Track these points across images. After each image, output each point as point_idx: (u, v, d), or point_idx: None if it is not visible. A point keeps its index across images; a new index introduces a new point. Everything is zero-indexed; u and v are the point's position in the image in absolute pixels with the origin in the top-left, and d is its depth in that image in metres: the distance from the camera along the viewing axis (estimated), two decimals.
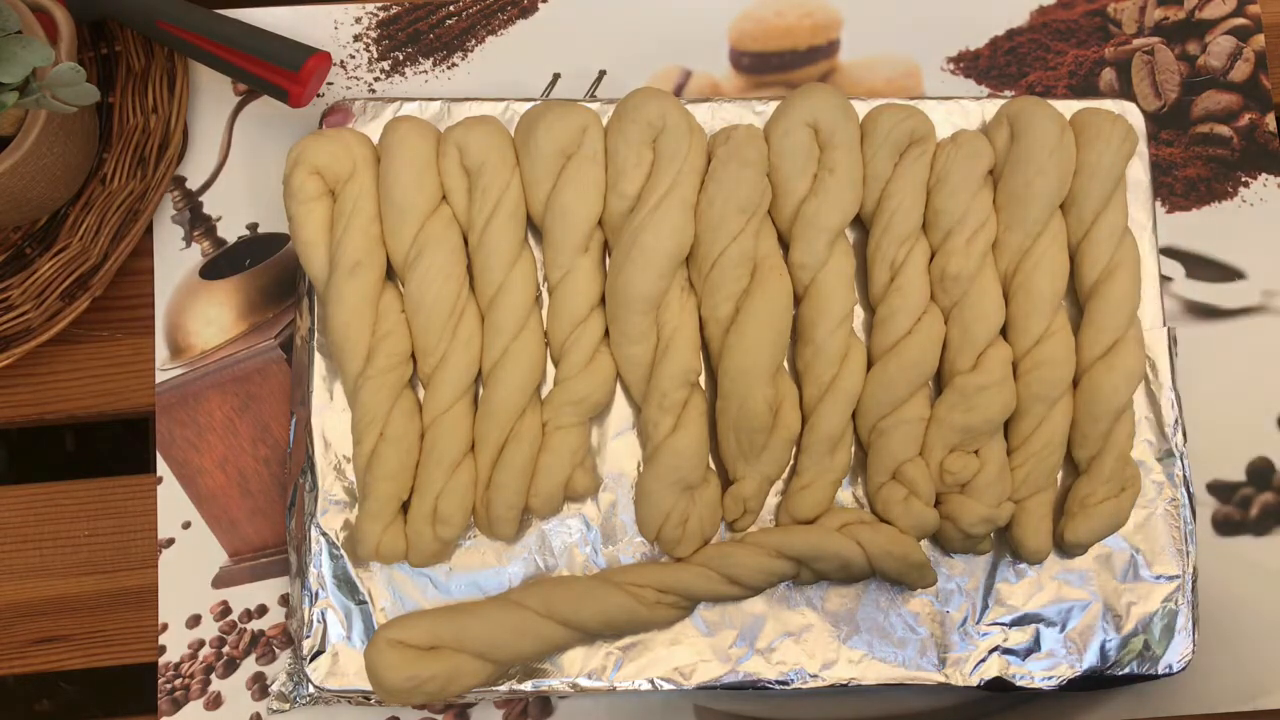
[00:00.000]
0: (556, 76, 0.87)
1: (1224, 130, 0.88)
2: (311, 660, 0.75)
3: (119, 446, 0.97)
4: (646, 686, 0.76)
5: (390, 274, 0.78)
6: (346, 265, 0.75)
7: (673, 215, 0.75)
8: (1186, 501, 0.79)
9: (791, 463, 0.78)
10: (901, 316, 0.77)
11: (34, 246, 0.82)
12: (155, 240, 0.84)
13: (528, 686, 0.75)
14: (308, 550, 0.77)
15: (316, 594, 0.76)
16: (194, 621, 0.80)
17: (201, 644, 0.80)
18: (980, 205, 0.78)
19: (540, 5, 0.89)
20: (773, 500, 0.78)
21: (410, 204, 0.76)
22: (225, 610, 0.80)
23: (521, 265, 0.77)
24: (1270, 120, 0.88)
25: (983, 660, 0.77)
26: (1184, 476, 0.79)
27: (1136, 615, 0.77)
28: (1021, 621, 0.77)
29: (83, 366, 0.83)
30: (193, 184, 0.85)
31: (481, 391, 0.77)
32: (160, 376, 0.82)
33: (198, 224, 0.84)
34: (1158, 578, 0.78)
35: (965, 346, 0.77)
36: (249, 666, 0.79)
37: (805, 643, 0.77)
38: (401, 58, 0.87)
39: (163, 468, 0.81)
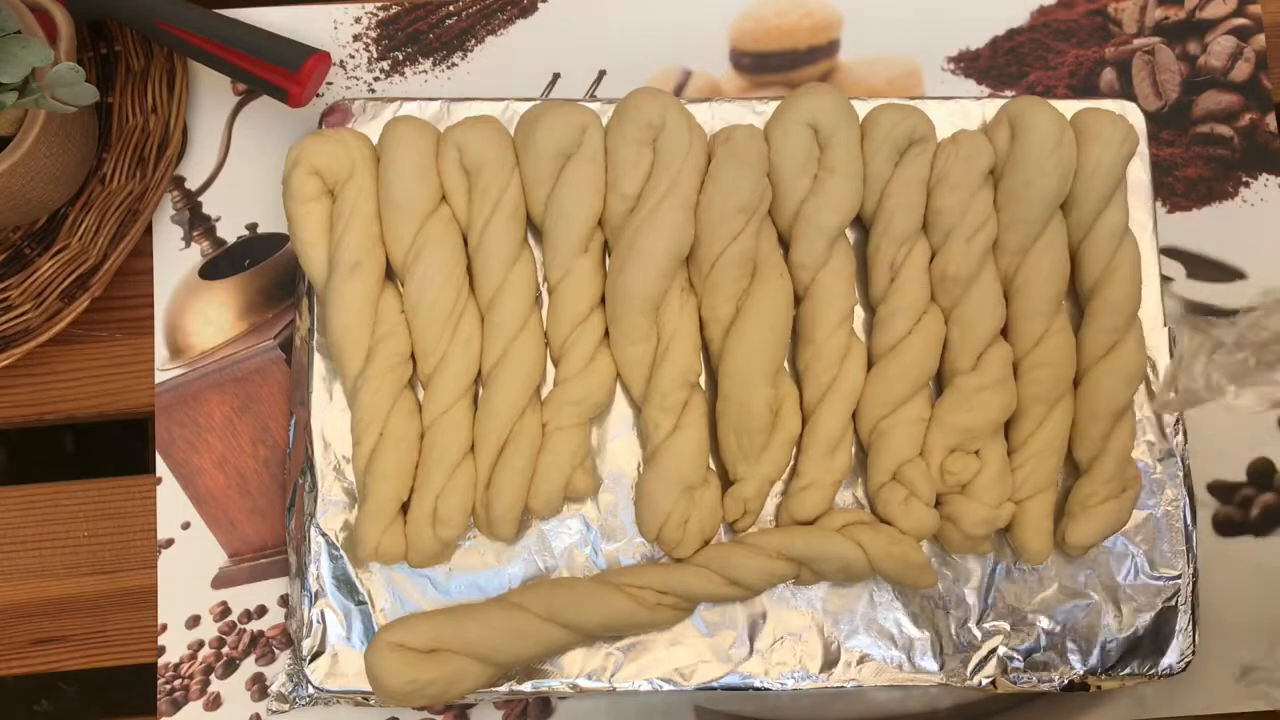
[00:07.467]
0: (556, 76, 0.87)
1: (1225, 130, 0.88)
2: (311, 661, 0.75)
3: (118, 447, 0.97)
4: (646, 687, 0.76)
5: (390, 274, 0.78)
6: (346, 265, 0.75)
7: (673, 215, 0.75)
8: (1187, 502, 0.78)
9: (792, 463, 0.78)
10: (901, 317, 0.76)
11: (33, 246, 0.82)
12: (155, 240, 0.84)
13: (527, 687, 0.75)
14: (307, 551, 0.77)
15: (316, 594, 0.76)
16: (193, 622, 0.80)
17: (201, 644, 0.79)
18: (980, 205, 0.77)
19: (540, 5, 0.88)
20: (773, 501, 0.78)
21: (410, 204, 0.76)
22: (225, 611, 0.80)
23: (521, 265, 0.77)
24: (1271, 120, 0.88)
25: (983, 660, 0.77)
26: (1185, 477, 0.79)
27: (1137, 616, 0.77)
28: (1021, 622, 0.77)
29: (82, 367, 0.83)
30: (192, 184, 0.85)
31: (481, 392, 0.77)
32: (160, 377, 0.82)
33: (197, 224, 0.84)
34: (1158, 578, 0.78)
35: (965, 347, 0.77)
36: (248, 667, 0.79)
37: (805, 643, 0.77)
38: (401, 57, 0.87)
39: (162, 468, 0.81)
